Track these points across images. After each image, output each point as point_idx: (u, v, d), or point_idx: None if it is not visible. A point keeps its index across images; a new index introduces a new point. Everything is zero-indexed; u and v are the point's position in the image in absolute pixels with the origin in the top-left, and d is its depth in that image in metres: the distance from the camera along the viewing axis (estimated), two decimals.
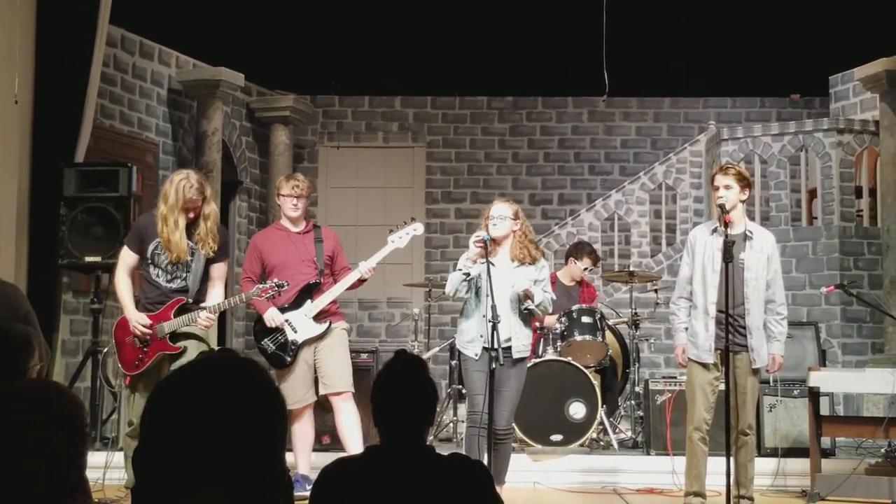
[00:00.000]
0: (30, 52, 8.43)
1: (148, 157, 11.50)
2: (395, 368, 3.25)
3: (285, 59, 13.35)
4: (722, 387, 6.76)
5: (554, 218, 14.16)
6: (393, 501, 2.99)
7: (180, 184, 6.49)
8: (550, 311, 7.09)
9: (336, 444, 7.67)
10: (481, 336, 6.65)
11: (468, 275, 6.65)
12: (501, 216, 6.83)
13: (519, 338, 6.70)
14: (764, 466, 7.77)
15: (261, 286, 6.91)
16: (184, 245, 6.53)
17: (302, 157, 14.39)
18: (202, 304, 6.66)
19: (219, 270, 6.78)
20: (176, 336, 6.60)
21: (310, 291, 7.21)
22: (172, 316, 6.58)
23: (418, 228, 7.36)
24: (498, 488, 3.44)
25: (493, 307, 6.45)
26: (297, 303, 7.20)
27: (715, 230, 6.75)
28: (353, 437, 7.10)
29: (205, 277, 6.71)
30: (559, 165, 14.53)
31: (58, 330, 8.79)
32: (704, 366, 6.69)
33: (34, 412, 2.32)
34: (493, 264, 6.60)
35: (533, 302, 6.67)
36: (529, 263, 6.78)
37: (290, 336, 7.18)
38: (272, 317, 7.16)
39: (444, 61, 13.48)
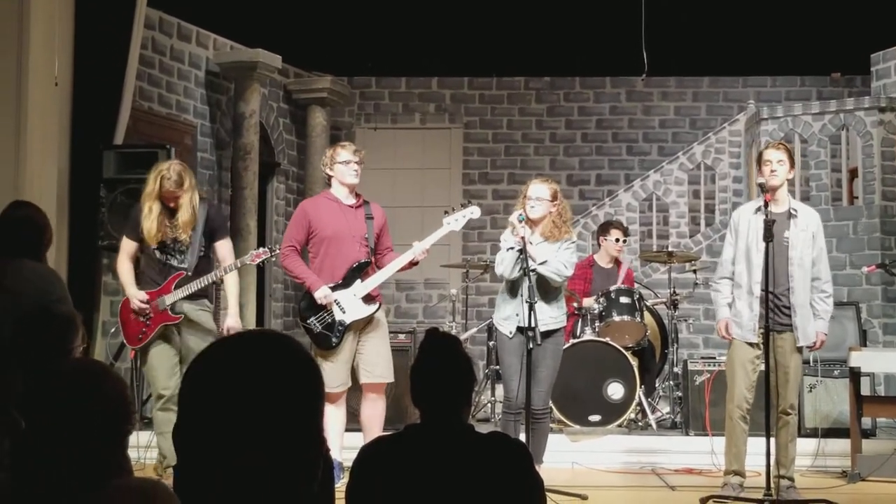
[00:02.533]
0: (69, 34, 8.47)
1: (186, 140, 11.55)
2: (428, 347, 3.25)
3: (322, 40, 13.36)
4: (763, 366, 6.74)
5: (591, 199, 14.10)
6: (432, 479, 2.99)
7: (160, 174, 6.79)
8: (568, 273, 6.93)
9: None
10: (517, 315, 6.67)
11: (521, 251, 6.60)
12: (540, 198, 6.80)
13: (543, 311, 6.69)
14: (804, 447, 7.72)
15: (254, 251, 7.14)
16: (153, 232, 6.81)
17: (339, 138, 14.36)
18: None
19: (223, 248, 7.07)
20: (177, 307, 6.93)
21: (360, 271, 6.95)
22: (173, 289, 6.90)
23: (475, 212, 7.12)
24: (536, 468, 3.44)
25: (531, 287, 6.48)
26: (346, 282, 6.93)
27: (758, 209, 6.72)
28: (376, 428, 7.00)
29: (211, 255, 7.07)
30: (597, 146, 14.46)
31: (98, 311, 8.88)
32: (749, 345, 6.66)
33: (83, 391, 2.35)
34: (530, 243, 6.62)
35: (535, 260, 6.63)
36: (555, 241, 6.77)
37: (338, 316, 6.91)
38: (325, 295, 6.88)
39: (481, 42, 13.45)
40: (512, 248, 6.70)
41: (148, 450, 7.37)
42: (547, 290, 6.77)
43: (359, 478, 3.05)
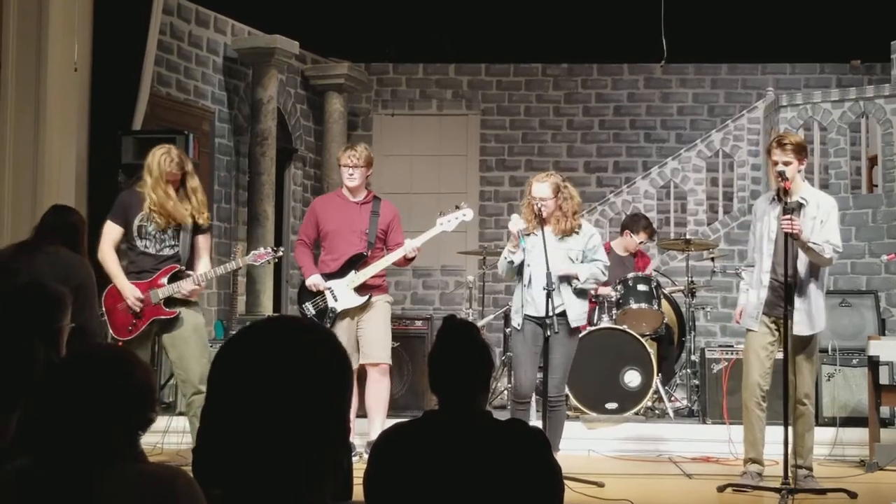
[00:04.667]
0: (88, 20, 8.49)
1: (204, 125, 11.57)
2: (446, 334, 3.25)
3: (340, 26, 13.34)
4: (779, 354, 6.72)
5: (609, 186, 14.07)
6: (450, 465, 2.99)
7: (162, 158, 6.65)
8: (605, 278, 7.08)
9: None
10: (528, 301, 6.80)
11: (512, 262, 6.83)
12: (543, 198, 6.83)
13: (573, 307, 6.76)
14: (822, 436, 7.71)
15: (256, 252, 7.22)
16: (181, 210, 6.68)
17: (356, 124, 14.41)
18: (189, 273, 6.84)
19: (204, 241, 6.94)
20: (170, 302, 6.74)
21: (355, 263, 7.28)
22: (166, 282, 6.72)
23: (468, 214, 7.45)
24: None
25: (549, 275, 6.51)
26: (341, 272, 7.29)
27: (773, 199, 6.72)
28: (378, 408, 7.24)
29: (191, 249, 6.88)
30: (614, 133, 14.42)
31: None
32: (755, 331, 6.68)
33: (111, 377, 2.36)
34: (538, 233, 6.70)
35: (580, 280, 6.72)
36: (569, 234, 6.80)
37: (331, 304, 7.29)
38: (315, 282, 7.30)
39: (498, 28, 13.42)
40: (505, 259, 6.89)
41: (166, 434, 7.40)
42: (578, 288, 6.85)
43: (377, 463, 3.06)
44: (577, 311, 6.79)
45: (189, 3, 11.46)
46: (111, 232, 6.84)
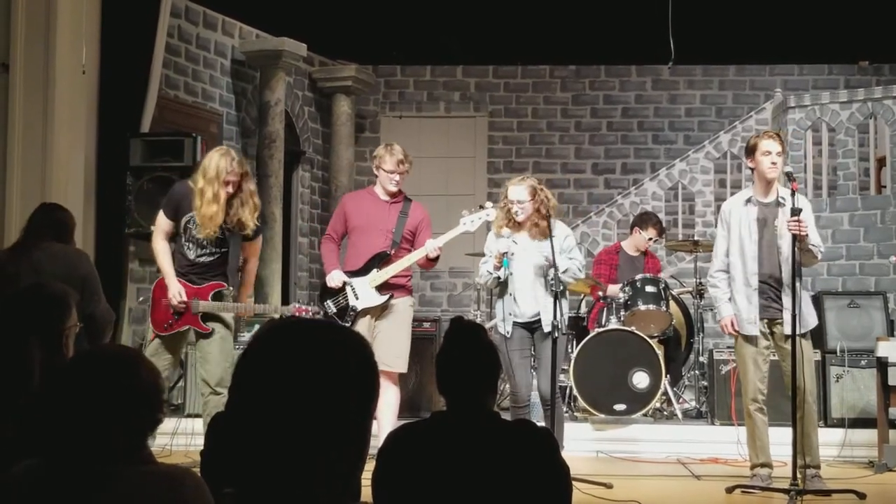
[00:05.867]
0: (96, 22, 8.51)
1: (212, 128, 11.58)
2: (453, 335, 3.26)
3: (347, 28, 13.35)
4: (774, 357, 6.70)
5: (617, 187, 14.06)
6: (458, 466, 2.99)
7: (221, 158, 6.47)
8: (582, 275, 7.10)
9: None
10: (510, 314, 6.88)
11: (499, 278, 6.91)
12: (521, 201, 6.87)
13: (548, 311, 6.75)
14: (830, 437, 7.70)
15: (296, 306, 7.27)
16: (218, 220, 6.47)
17: (364, 126, 14.41)
18: (245, 300, 6.85)
19: (253, 248, 6.89)
20: (206, 318, 6.64)
21: (378, 261, 7.19)
22: (210, 298, 6.62)
23: (491, 214, 7.33)
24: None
25: (556, 276, 6.52)
26: (364, 270, 7.20)
27: (749, 200, 6.69)
28: (385, 415, 7.03)
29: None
30: (622, 134, 14.41)
31: (125, 298, 8.92)
32: (750, 338, 6.62)
33: (117, 377, 2.36)
34: (514, 243, 6.76)
35: (559, 271, 6.69)
36: (548, 237, 6.79)
37: (352, 302, 7.21)
38: (334, 276, 7.22)
39: (506, 30, 13.42)
40: (489, 273, 6.95)
41: (174, 436, 7.42)
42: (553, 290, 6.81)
43: (385, 464, 3.06)
44: (547, 316, 6.77)
45: (197, 6, 11.49)
46: (161, 224, 6.72)
